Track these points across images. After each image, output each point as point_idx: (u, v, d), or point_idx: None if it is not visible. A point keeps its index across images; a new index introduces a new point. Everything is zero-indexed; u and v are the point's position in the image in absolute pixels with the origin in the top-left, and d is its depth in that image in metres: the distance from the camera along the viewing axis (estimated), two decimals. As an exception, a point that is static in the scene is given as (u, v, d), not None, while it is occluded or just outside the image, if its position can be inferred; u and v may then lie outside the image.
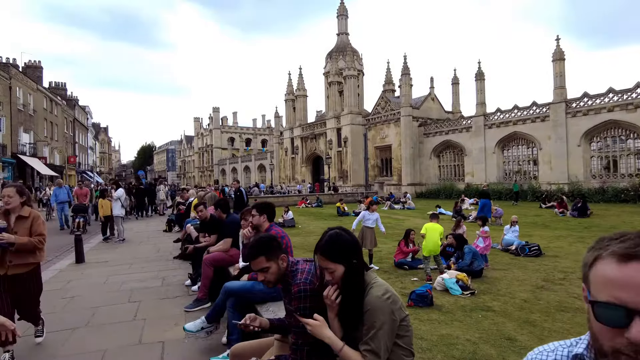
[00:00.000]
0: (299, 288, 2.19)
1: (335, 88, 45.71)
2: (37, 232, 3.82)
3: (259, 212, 4.08)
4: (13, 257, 3.67)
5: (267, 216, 4.09)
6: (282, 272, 2.28)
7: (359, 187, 41.45)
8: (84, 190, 15.57)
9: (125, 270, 7.75)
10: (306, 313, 2.07)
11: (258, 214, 4.07)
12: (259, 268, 2.25)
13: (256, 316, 2.36)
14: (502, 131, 33.38)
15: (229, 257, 5.40)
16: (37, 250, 3.84)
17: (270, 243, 2.29)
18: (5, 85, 33.56)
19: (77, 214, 13.75)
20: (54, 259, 9.49)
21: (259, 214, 4.07)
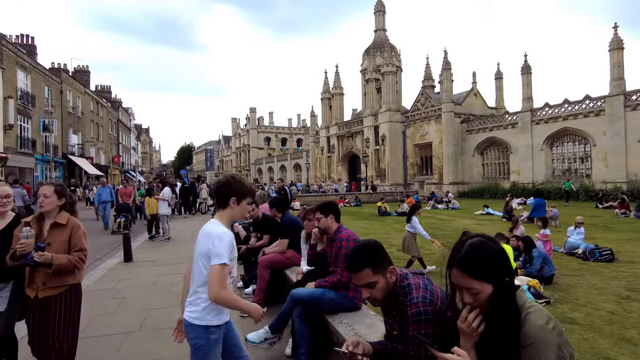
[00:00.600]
0: (419, 309, 1.74)
1: (373, 85, 44.93)
2: (78, 247, 3.05)
3: (324, 213, 3.66)
4: (47, 278, 2.91)
5: (334, 217, 3.68)
6: (390, 287, 1.84)
7: (398, 186, 40.53)
8: (128, 189, 15.31)
9: (174, 270, 7.57)
10: (427, 340, 1.62)
11: (324, 215, 3.66)
12: (364, 283, 1.82)
13: (358, 340, 1.92)
14: (551, 127, 31.59)
15: (287, 260, 5.03)
16: (76, 269, 3.05)
17: (376, 252, 1.85)
18: (57, 89, 35.11)
19: (119, 214, 13.71)
20: (103, 257, 9.51)
21: (325, 215, 3.65)
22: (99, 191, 15.60)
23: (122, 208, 14.00)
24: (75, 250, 3.03)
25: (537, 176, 31.89)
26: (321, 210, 3.68)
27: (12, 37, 32.44)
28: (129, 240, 8.59)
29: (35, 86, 30.52)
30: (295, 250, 5.08)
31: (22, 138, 28.27)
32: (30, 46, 33.76)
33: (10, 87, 26.69)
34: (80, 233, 3.12)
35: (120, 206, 14.15)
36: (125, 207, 14.11)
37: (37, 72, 31.03)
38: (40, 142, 30.87)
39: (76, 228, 3.11)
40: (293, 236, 5.07)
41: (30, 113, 29.54)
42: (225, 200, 2.35)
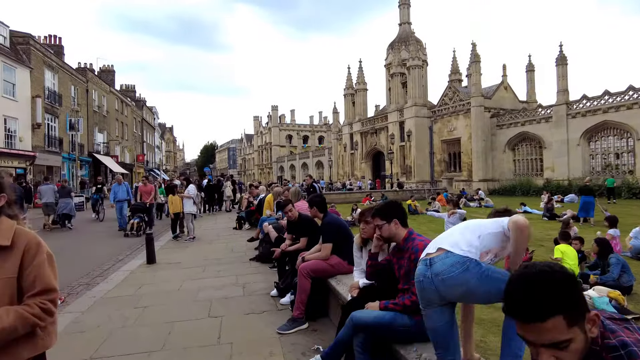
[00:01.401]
0: None
1: (398, 79, 43.74)
2: (40, 287, 1.68)
3: (386, 218, 2.85)
4: None
5: (399, 221, 2.89)
6: (587, 345, 1.07)
7: (424, 184, 39.33)
8: (149, 187, 14.00)
9: (200, 274, 6.95)
10: None
11: (385, 221, 2.84)
12: (551, 341, 1.04)
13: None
14: (589, 121, 29.82)
15: (331, 267, 4.30)
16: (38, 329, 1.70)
17: (565, 283, 1.07)
18: (83, 88, 35.41)
19: (134, 214, 12.69)
20: (125, 257, 9.01)
21: (387, 221, 2.84)
22: (114, 189, 14.20)
23: (138, 208, 12.96)
24: (33, 293, 1.66)
25: (573, 172, 30.28)
26: (381, 215, 2.88)
27: (41, 38, 32.82)
28: (152, 241, 8.04)
29: (62, 85, 30.77)
30: (339, 257, 4.34)
31: (49, 137, 28.52)
32: (57, 46, 34.13)
33: (38, 86, 26.90)
34: (43, 259, 1.76)
35: (136, 206, 13.08)
36: (142, 207, 13.03)
37: (64, 71, 31.29)
38: (66, 141, 31.14)
39: (33, 250, 1.75)
40: (337, 240, 4.34)
41: (58, 112, 29.78)
42: None
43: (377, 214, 2.91)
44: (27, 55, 26.17)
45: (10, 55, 24.21)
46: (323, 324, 4.30)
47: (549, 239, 11.02)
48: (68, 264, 8.57)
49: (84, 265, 8.22)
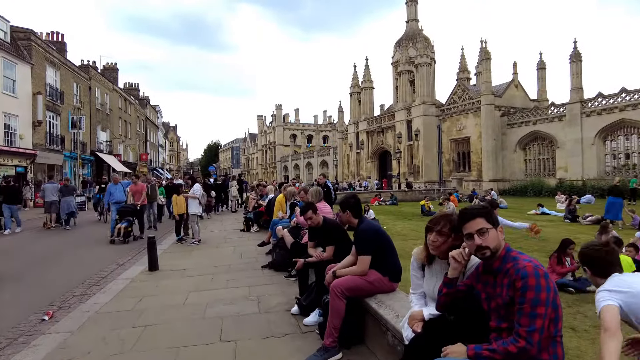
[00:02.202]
0: None
1: (406, 77, 42.91)
2: None
3: (493, 222, 2.10)
4: None
5: (496, 227, 2.13)
6: None
7: (432, 184, 38.51)
8: (139, 186, 12.27)
9: (207, 284, 6.21)
10: None
11: (492, 225, 2.09)
12: None
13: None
14: (604, 119, 28.94)
15: (369, 285, 3.55)
16: None
17: None
18: (86, 85, 34.80)
19: (122, 218, 11.16)
20: (125, 263, 8.29)
21: (494, 225, 2.10)
22: (109, 189, 12.38)
23: (127, 210, 11.38)
24: None
25: (588, 173, 29.46)
26: (487, 216, 2.10)
27: (43, 35, 32.21)
28: (154, 246, 7.30)
29: (64, 82, 30.16)
30: (379, 271, 3.59)
31: (50, 135, 27.91)
32: (60, 43, 33.53)
33: (39, 83, 26.28)
34: None
35: (125, 208, 11.47)
36: (131, 210, 11.48)
37: (66, 68, 30.67)
38: (68, 139, 30.53)
39: None
40: (377, 251, 3.59)
41: (59, 109, 29.17)
42: None
43: (479, 214, 2.13)
44: (28, 51, 25.56)
45: (10, 51, 23.59)
46: (360, 354, 3.55)
47: (578, 243, 10.23)
48: (65, 269, 7.90)
49: (80, 271, 7.52)
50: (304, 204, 4.82)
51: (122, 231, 10.85)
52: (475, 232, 2.08)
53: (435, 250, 2.41)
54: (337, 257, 4.43)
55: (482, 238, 2.06)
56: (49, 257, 9.19)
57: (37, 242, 11.77)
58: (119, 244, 10.62)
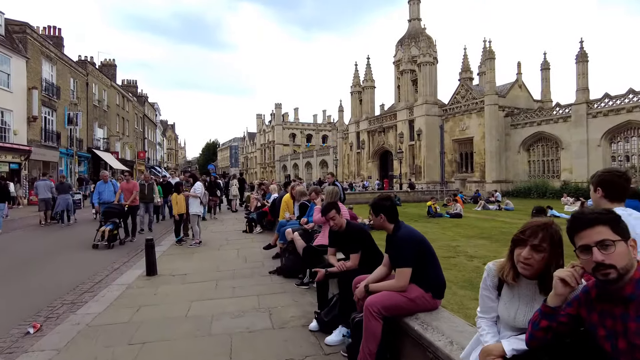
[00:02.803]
0: None
1: (408, 77, 42.39)
2: None
3: (623, 233, 1.57)
4: None
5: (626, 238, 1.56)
6: None
7: (435, 184, 38.02)
8: (131, 184, 11.17)
9: (211, 292, 5.65)
10: None
11: (622, 237, 1.55)
12: None
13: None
14: (611, 120, 28.49)
15: (410, 303, 3.00)
16: None
17: None
18: (83, 81, 34.12)
19: (107, 219, 9.96)
20: (122, 266, 7.71)
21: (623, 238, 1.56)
22: (98, 187, 11.55)
23: (112, 211, 10.19)
24: None
25: (594, 174, 28.95)
26: (615, 226, 1.56)
27: (40, 29, 31.53)
28: (152, 249, 6.74)
29: (60, 78, 29.48)
30: (420, 286, 3.04)
31: (46, 131, 27.22)
32: (57, 38, 32.84)
33: (34, 77, 25.61)
34: None
35: (110, 208, 10.28)
36: (117, 211, 10.32)
37: (62, 63, 29.99)
38: (65, 136, 29.84)
39: None
40: (418, 263, 3.04)
41: (55, 105, 28.49)
42: None
43: (601, 220, 1.56)
44: (24, 45, 24.89)
45: (5, 44, 22.92)
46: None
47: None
48: (55, 272, 7.31)
49: (72, 275, 6.94)
50: (326, 203, 4.26)
51: (106, 234, 9.62)
52: (594, 244, 1.53)
53: (528, 270, 1.86)
54: (363, 267, 3.89)
55: (605, 253, 1.51)
56: (38, 258, 8.60)
57: (26, 242, 11.16)
58: (103, 249, 9.48)
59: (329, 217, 4.07)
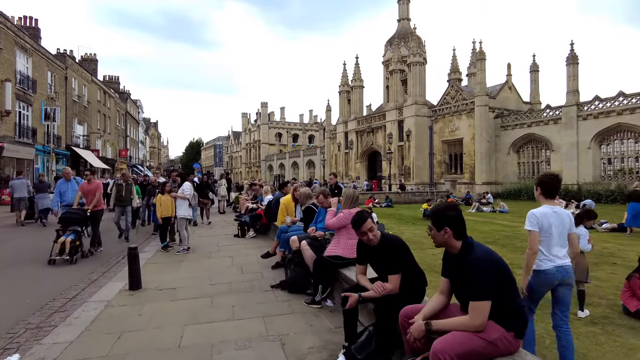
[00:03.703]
0: None
1: (398, 77, 41.93)
2: None
3: None
4: None
5: None
6: None
7: (424, 186, 37.62)
8: (93, 184, 9.02)
9: (207, 311, 4.82)
10: None
11: None
12: None
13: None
14: (601, 123, 28.46)
15: (491, 348, 2.24)
16: None
17: None
18: (61, 75, 32.57)
19: (66, 227, 8.15)
20: (100, 277, 6.78)
21: None
22: (59, 187, 9.78)
23: (73, 217, 8.34)
24: None
25: (584, 177, 28.91)
26: None
27: (15, 19, 29.91)
28: (136, 259, 5.85)
29: (36, 70, 27.97)
30: (499, 323, 2.30)
31: (20, 126, 25.73)
32: (33, 29, 31.14)
33: (8, 69, 24.14)
34: None
35: (70, 214, 8.43)
36: (79, 217, 8.40)
37: (39, 55, 28.47)
38: (41, 132, 28.34)
39: None
40: (497, 293, 2.29)
41: (31, 99, 26.99)
42: None
43: None
44: (-4, 34, 23.44)
45: (-24, 33, 21.50)
46: None
47: (622, 254, 9.22)
48: (19, 286, 6.30)
49: (41, 289, 6.01)
50: (359, 213, 3.46)
51: (67, 247, 7.81)
52: None
53: None
54: (402, 290, 3.13)
55: None
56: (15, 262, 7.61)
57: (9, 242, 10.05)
58: (62, 264, 7.65)
59: (364, 230, 3.28)
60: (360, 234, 3.32)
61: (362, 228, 3.26)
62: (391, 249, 3.23)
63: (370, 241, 3.27)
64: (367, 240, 3.27)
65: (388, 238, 3.35)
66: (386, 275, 3.23)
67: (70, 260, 7.77)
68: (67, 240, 7.90)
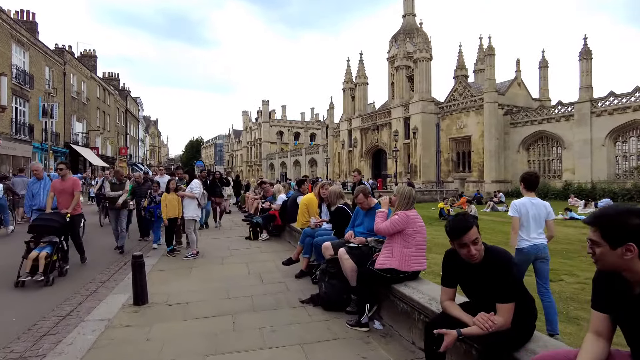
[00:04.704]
0: None
1: (403, 73, 41.04)
2: None
3: None
4: None
5: None
6: None
7: (430, 184, 36.79)
8: (69, 182, 7.18)
9: (230, 336, 3.96)
10: None
11: None
12: None
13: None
14: (616, 119, 27.63)
15: None
16: None
17: None
18: (60, 70, 31.65)
19: (38, 238, 6.37)
20: (99, 288, 5.93)
21: None
22: (30, 188, 7.76)
23: (47, 226, 6.52)
24: None
25: (597, 175, 28.07)
26: None
27: (12, 13, 29.01)
28: (141, 269, 4.99)
29: (34, 65, 27.07)
30: None
31: (17, 123, 24.87)
32: (30, 23, 30.25)
33: (3, 63, 23.23)
34: None
35: (43, 222, 6.58)
36: (57, 225, 6.57)
37: (36, 49, 27.57)
38: (39, 128, 27.47)
39: None
40: None
41: (28, 95, 26.11)
42: None
43: None
44: (-9, 27, 22.55)
45: (-31, 25, 20.61)
46: None
47: None
48: (4, 302, 5.35)
49: (29, 306, 5.15)
50: (461, 217, 2.53)
51: (41, 264, 6.00)
52: None
53: None
54: (515, 325, 2.28)
55: None
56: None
57: None
58: (33, 287, 5.87)
59: (465, 242, 2.39)
60: (458, 246, 2.45)
61: (463, 238, 2.40)
62: (499, 267, 2.37)
63: (471, 257, 2.40)
64: (468, 255, 2.41)
65: (494, 251, 2.47)
66: (488, 303, 2.37)
67: (45, 280, 5.97)
68: (40, 255, 6.06)
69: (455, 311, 2.52)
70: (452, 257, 2.61)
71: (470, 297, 2.64)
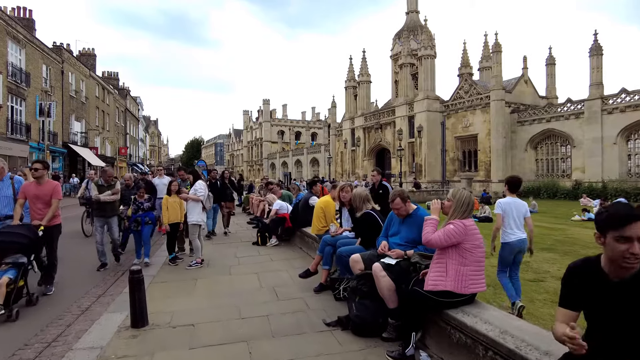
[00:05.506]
0: None
1: (408, 70, 40.29)
2: None
3: None
4: None
5: None
6: None
7: (437, 184, 36.07)
8: (47, 186, 5.72)
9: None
10: None
11: None
12: None
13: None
14: (629, 117, 26.91)
15: None
16: None
17: None
18: (57, 69, 30.98)
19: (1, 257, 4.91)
20: (92, 305, 5.24)
21: None
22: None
23: (10, 242, 5.02)
24: None
25: (608, 174, 27.36)
26: None
27: (8, 10, 28.34)
28: (140, 285, 4.30)
29: (30, 63, 26.39)
30: None
31: (13, 122, 24.20)
32: (27, 20, 29.59)
33: (-1, 60, 22.58)
34: None
35: (6, 237, 5.06)
36: (22, 241, 5.09)
37: (33, 47, 26.88)
38: (36, 128, 26.80)
39: None
40: None
41: (25, 93, 25.43)
42: None
43: None
44: (-14, 23, 21.87)
45: (-37, 21, 19.93)
46: None
47: None
48: None
49: (11, 327, 4.47)
50: (626, 206, 1.76)
51: (0, 293, 4.56)
52: None
53: None
54: None
55: None
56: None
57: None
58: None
59: (632, 235, 1.64)
60: (614, 240, 1.68)
61: (628, 228, 1.66)
62: None
63: (634, 260, 1.66)
64: (629, 255, 1.65)
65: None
66: (636, 342, 1.67)
67: (8, 314, 4.60)
68: (1, 282, 4.60)
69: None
70: (583, 272, 1.89)
71: (598, 332, 1.90)
